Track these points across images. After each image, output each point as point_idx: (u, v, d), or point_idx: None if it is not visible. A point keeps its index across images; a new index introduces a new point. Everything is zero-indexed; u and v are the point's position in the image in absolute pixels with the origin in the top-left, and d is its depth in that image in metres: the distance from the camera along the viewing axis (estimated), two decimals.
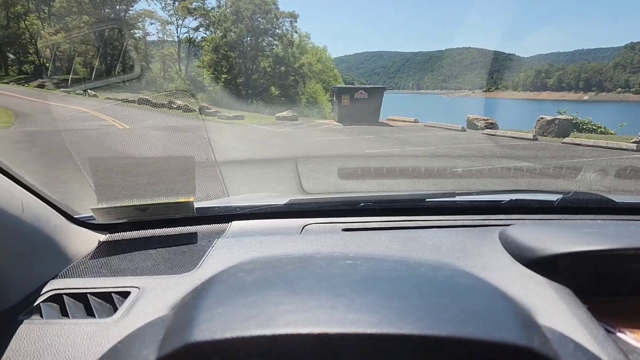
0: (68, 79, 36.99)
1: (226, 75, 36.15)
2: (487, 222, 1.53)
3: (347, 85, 24.65)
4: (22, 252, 1.13)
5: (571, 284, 1.08)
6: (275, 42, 37.31)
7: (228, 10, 36.48)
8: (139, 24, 47.95)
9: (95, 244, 1.42)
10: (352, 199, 1.66)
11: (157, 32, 49.84)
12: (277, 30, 37.25)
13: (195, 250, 1.34)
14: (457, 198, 1.69)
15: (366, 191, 2.75)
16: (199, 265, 1.23)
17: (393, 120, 19.02)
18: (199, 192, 1.54)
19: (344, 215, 1.60)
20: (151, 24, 48.39)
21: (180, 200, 1.46)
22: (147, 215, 1.46)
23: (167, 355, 0.73)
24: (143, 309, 1.05)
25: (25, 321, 1.03)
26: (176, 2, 44.54)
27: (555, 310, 0.98)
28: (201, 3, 42.85)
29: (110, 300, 1.11)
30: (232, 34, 35.53)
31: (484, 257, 1.21)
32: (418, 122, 18.69)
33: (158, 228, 1.51)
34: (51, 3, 46.48)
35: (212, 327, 0.74)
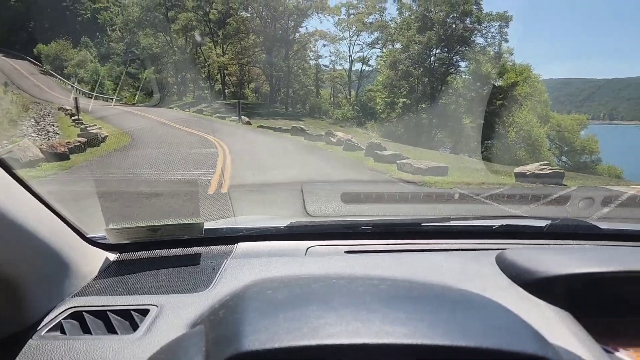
0: (234, 104, 32.51)
1: (405, 99, 27.88)
2: (481, 246, 1.56)
3: None
4: (44, 270, 1.19)
5: (567, 304, 1.13)
6: (476, 55, 27.84)
7: (413, 15, 28.25)
8: (309, 44, 43.03)
9: (106, 263, 1.47)
10: (353, 223, 1.75)
11: (329, 54, 43.76)
12: (478, 39, 27.87)
13: (206, 270, 1.37)
14: (452, 223, 1.75)
15: (367, 215, 2.47)
16: (213, 284, 1.26)
17: None
18: None
19: (346, 238, 1.63)
20: (324, 45, 42.57)
21: (190, 221, 1.51)
22: (158, 236, 1.49)
23: None
24: (164, 326, 1.10)
25: (49, 337, 1.08)
26: (351, 15, 38.04)
27: (554, 329, 1.03)
28: (380, 15, 35.50)
29: (130, 318, 1.16)
30: (417, 45, 27.12)
31: (482, 279, 1.24)
32: None
33: (166, 248, 1.54)
34: (225, 26, 43.74)
35: (260, 338, 0.80)
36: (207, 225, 1.58)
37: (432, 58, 28.06)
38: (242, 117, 29.74)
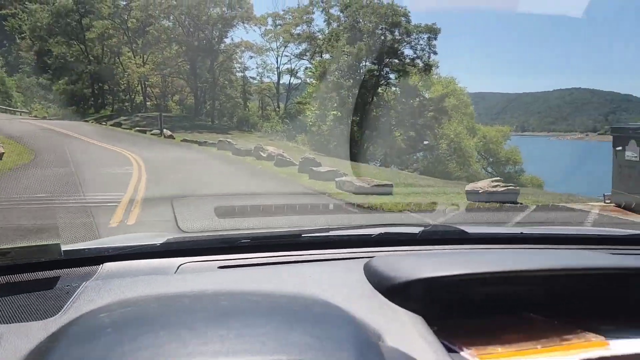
0: (157, 117, 30.46)
1: (335, 112, 27.19)
2: (355, 255, 1.56)
3: None
4: None
5: (424, 307, 1.15)
6: (405, 67, 27.56)
7: (342, 26, 27.67)
8: (235, 55, 41.65)
9: None
10: (228, 237, 1.72)
11: (257, 66, 42.52)
12: (408, 51, 27.66)
13: (61, 295, 1.28)
14: (331, 233, 1.75)
15: (244, 228, 2.42)
16: (63, 310, 1.17)
17: None
18: None
19: (221, 253, 1.58)
20: (251, 57, 41.24)
21: (45, 243, 1.46)
22: (9, 260, 1.41)
23: None
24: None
25: None
26: (278, 26, 37.14)
27: (405, 333, 1.05)
28: (307, 25, 34.85)
29: None
30: (346, 56, 26.49)
31: (348, 287, 1.25)
32: None
33: (20, 273, 1.40)
34: (145, 35, 41.40)
35: None
36: (69, 246, 1.50)
37: (362, 69, 27.60)
38: (165, 130, 27.88)
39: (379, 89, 27.75)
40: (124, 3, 42.04)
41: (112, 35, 42.53)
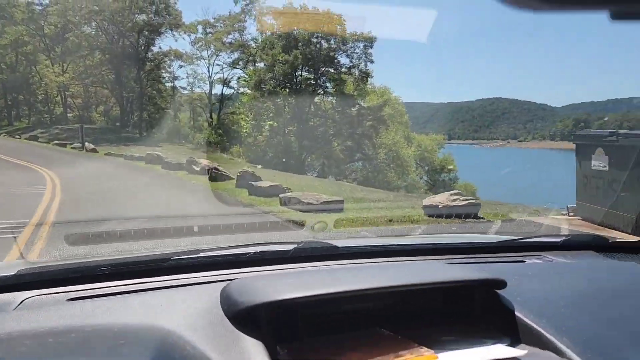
0: (77, 129, 28.22)
1: (272, 122, 26.26)
2: (224, 277, 1.49)
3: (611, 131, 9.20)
4: None
5: (273, 330, 1.14)
6: (342, 75, 27.02)
7: (276, 33, 26.80)
8: (163, 64, 39.73)
9: None
10: (80, 265, 1.57)
11: (187, 75, 40.66)
12: (344, 59, 27.15)
13: None
14: (202, 254, 1.65)
15: (107, 255, 1.93)
16: None
17: None
18: None
19: (72, 283, 1.45)
20: (181, 66, 39.41)
21: None
22: None
23: None
24: None
25: None
26: (209, 34, 35.79)
27: None
28: (240, 34, 33.76)
29: None
30: (282, 64, 25.61)
31: (196, 316, 1.20)
32: None
33: None
34: (65, 42, 38.62)
35: None
36: None
37: (298, 78, 26.87)
38: (87, 143, 25.82)
39: (316, 98, 27.11)
40: (40, 8, 39.11)
41: (27, 42, 39.42)
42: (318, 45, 26.29)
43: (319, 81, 27.06)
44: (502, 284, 1.30)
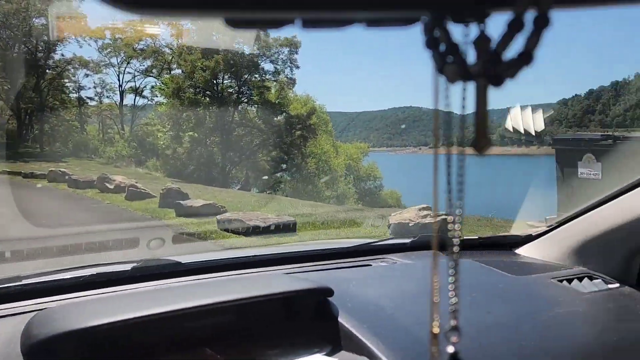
0: None
1: (192, 133, 24.46)
2: (42, 306, 1.35)
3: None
4: None
5: None
6: (266, 82, 25.73)
7: (195, 38, 25.04)
8: (66, 72, 36.40)
9: None
10: None
11: (95, 85, 37.42)
12: (268, 65, 25.86)
13: None
14: (23, 281, 1.48)
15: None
16: None
17: None
18: None
19: None
20: (87, 75, 36.21)
21: None
22: None
23: None
24: None
25: None
26: (118, 40, 33.25)
27: None
28: (152, 40, 31.57)
29: None
30: (202, 70, 23.89)
31: None
32: None
33: None
34: None
35: None
36: None
37: (220, 85, 25.27)
38: None
39: (240, 106, 25.65)
40: None
41: None
42: (240, 51, 24.90)
43: (242, 88, 25.61)
44: (328, 292, 1.26)
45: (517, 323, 1.29)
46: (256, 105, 25.80)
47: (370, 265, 1.79)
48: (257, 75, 25.81)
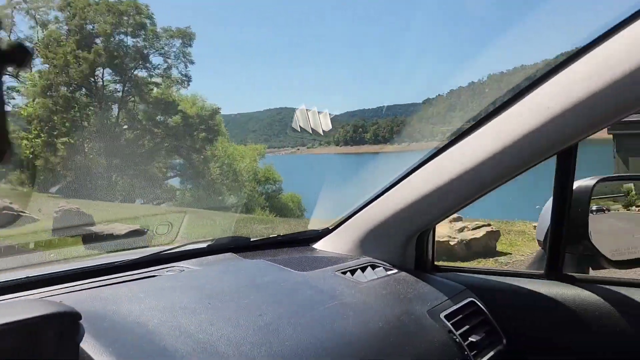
0: None
1: (67, 138, 20.78)
2: None
3: None
4: None
5: None
6: (154, 78, 22.63)
7: (66, 27, 21.27)
8: None
9: None
10: None
11: None
12: (157, 59, 22.73)
13: None
14: None
15: None
16: None
17: None
18: None
19: None
20: None
21: None
22: None
23: None
24: None
25: None
26: None
27: None
28: (7, 32, 26.84)
29: None
30: (79, 63, 20.28)
31: None
32: None
33: None
34: None
35: None
36: None
37: (100, 82, 21.78)
38: None
39: (127, 106, 22.35)
40: None
41: None
42: (124, 42, 21.65)
43: (127, 85, 22.34)
44: (74, 315, 1.13)
45: (286, 322, 1.25)
46: (146, 105, 22.69)
47: (156, 276, 1.54)
48: (145, 70, 22.73)
